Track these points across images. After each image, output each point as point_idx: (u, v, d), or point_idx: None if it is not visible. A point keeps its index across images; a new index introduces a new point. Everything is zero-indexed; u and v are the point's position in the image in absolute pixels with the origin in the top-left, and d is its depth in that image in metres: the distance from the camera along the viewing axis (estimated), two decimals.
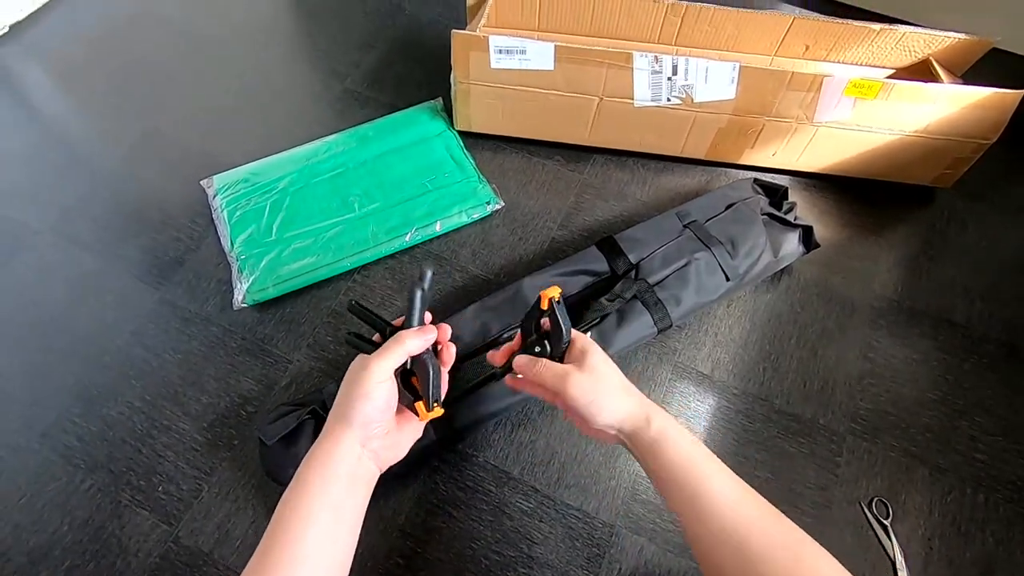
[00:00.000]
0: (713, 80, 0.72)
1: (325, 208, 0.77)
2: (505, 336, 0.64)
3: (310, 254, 0.73)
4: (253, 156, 0.82)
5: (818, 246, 0.73)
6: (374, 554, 0.57)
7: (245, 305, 0.69)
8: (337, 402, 0.45)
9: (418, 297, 0.47)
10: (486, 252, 0.77)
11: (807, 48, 0.86)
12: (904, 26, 0.80)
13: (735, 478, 0.44)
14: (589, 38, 0.88)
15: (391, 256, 0.75)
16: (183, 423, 0.64)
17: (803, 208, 0.81)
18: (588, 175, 0.84)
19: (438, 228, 0.76)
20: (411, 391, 0.47)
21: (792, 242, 0.72)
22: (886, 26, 0.80)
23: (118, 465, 0.61)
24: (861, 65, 0.86)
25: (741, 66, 0.71)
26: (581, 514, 0.60)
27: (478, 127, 0.85)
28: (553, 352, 0.50)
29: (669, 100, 0.75)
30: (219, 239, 0.76)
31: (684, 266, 0.66)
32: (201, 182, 0.80)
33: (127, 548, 0.57)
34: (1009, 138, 0.72)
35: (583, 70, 0.73)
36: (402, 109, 0.88)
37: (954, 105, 0.71)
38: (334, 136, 0.84)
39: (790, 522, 0.41)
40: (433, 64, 0.94)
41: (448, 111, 0.87)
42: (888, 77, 0.84)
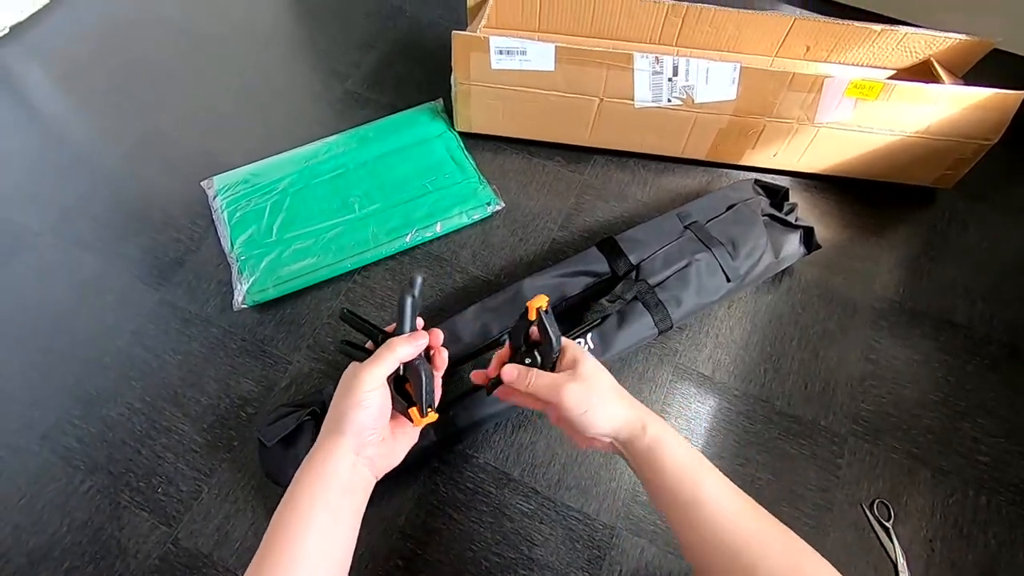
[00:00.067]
0: (714, 81, 0.72)
1: (325, 209, 0.77)
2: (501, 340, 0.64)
3: (310, 255, 0.73)
4: (253, 157, 0.82)
5: (819, 247, 0.73)
6: (374, 555, 0.57)
7: (245, 306, 0.69)
8: (330, 411, 0.45)
9: (408, 304, 0.47)
10: (486, 253, 0.77)
11: (808, 49, 0.86)
12: (905, 27, 0.80)
13: (731, 486, 0.43)
14: (590, 39, 0.88)
15: (391, 257, 0.75)
16: (183, 424, 0.64)
17: (804, 209, 0.81)
18: (589, 176, 0.84)
19: (438, 229, 0.76)
20: (405, 397, 0.47)
21: (793, 243, 0.72)
22: (887, 27, 0.80)
23: (118, 466, 0.61)
24: (862, 66, 0.86)
25: (742, 67, 0.71)
26: (582, 516, 0.60)
27: (478, 128, 0.85)
28: (544, 363, 0.48)
29: (670, 101, 0.75)
30: (219, 240, 0.76)
31: (685, 267, 0.66)
32: (201, 183, 0.80)
33: (126, 549, 0.57)
34: (1010, 139, 0.72)
35: (584, 71, 0.73)
36: (402, 110, 0.88)
37: (955, 106, 0.71)
38: (334, 137, 0.84)
39: (788, 530, 0.41)
40: (433, 65, 0.94)
41: (448, 112, 0.87)
42: (889, 78, 0.84)
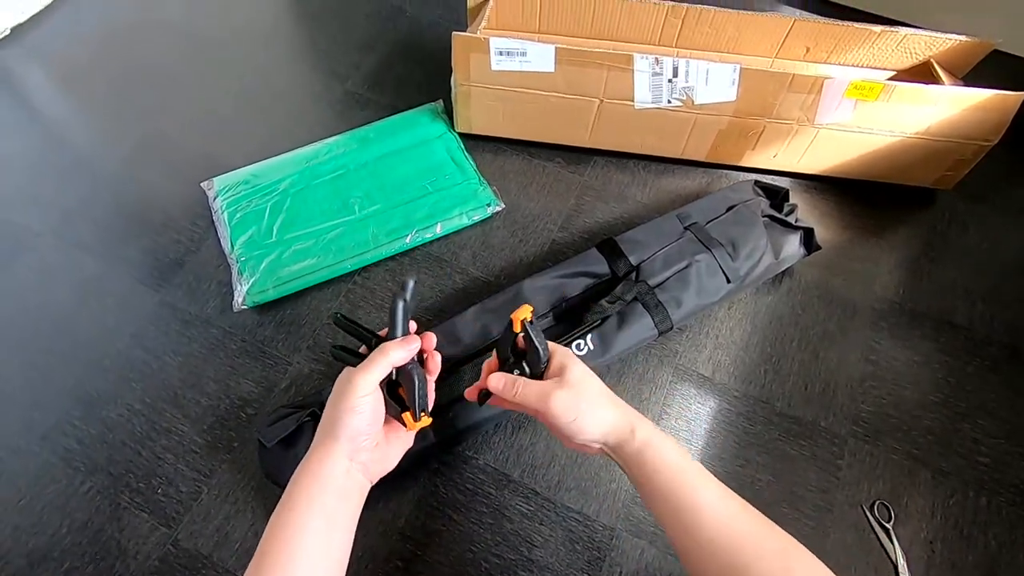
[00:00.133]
0: (714, 82, 0.72)
1: (326, 210, 0.77)
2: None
3: (310, 256, 0.73)
4: (254, 158, 0.82)
5: (819, 248, 0.73)
6: (374, 556, 0.57)
7: (245, 307, 0.69)
8: (324, 415, 0.45)
9: (400, 308, 0.47)
10: (486, 254, 0.77)
11: (808, 50, 0.86)
12: (905, 28, 0.80)
13: (723, 488, 0.43)
14: (590, 40, 0.88)
15: (392, 258, 0.75)
16: (183, 425, 0.64)
17: (804, 210, 0.81)
18: (589, 177, 0.84)
19: (439, 230, 0.76)
20: (398, 402, 0.47)
21: (793, 244, 0.72)
22: (887, 28, 0.80)
23: (118, 467, 0.61)
24: (862, 67, 0.86)
25: (742, 68, 0.71)
26: (581, 517, 0.60)
27: (479, 129, 0.85)
28: (532, 372, 0.49)
29: (670, 102, 0.75)
30: (219, 241, 0.76)
31: (685, 268, 0.66)
32: (202, 184, 0.80)
33: (126, 550, 0.57)
34: (1010, 140, 0.72)
35: (584, 72, 0.73)
36: (403, 111, 0.88)
37: (955, 107, 0.71)
38: (335, 138, 0.84)
39: (781, 531, 0.41)
40: (434, 66, 0.94)
41: (449, 113, 0.87)
42: (889, 79, 0.84)
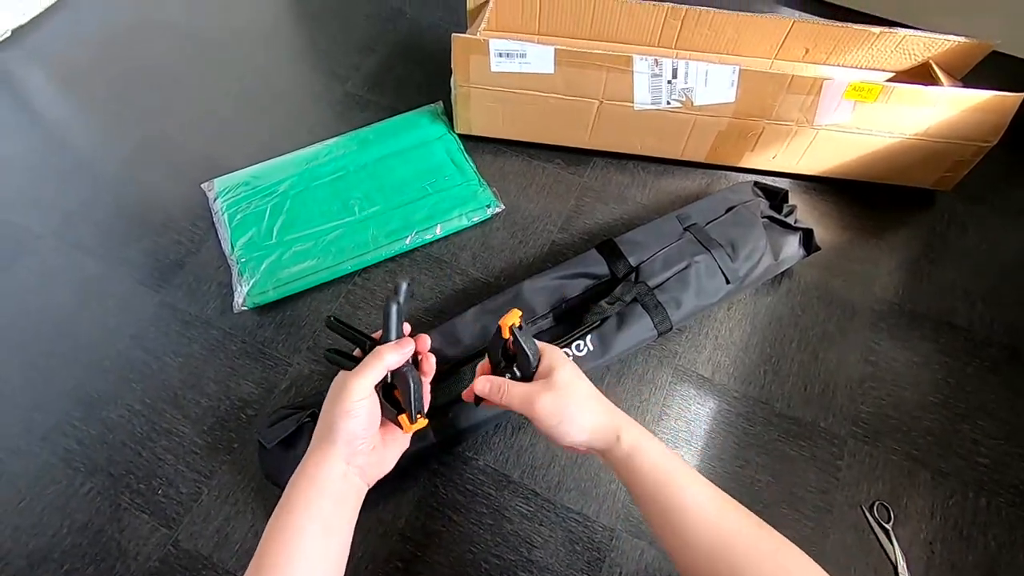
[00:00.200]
0: (713, 83, 0.72)
1: (325, 211, 0.77)
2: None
3: (310, 257, 0.73)
4: (254, 159, 0.82)
5: (818, 249, 0.73)
6: (374, 558, 0.57)
7: (245, 308, 0.70)
8: (321, 419, 0.45)
9: (394, 310, 0.47)
10: (486, 255, 0.77)
11: (807, 51, 0.86)
12: (904, 29, 0.81)
13: (713, 489, 0.43)
14: (589, 41, 0.88)
15: (391, 259, 0.75)
16: (183, 426, 0.64)
17: (803, 211, 0.81)
18: (588, 178, 0.84)
19: (438, 231, 0.76)
20: (394, 404, 0.47)
21: (792, 245, 0.72)
22: (886, 29, 0.80)
23: (118, 468, 0.61)
24: (861, 68, 0.87)
25: (741, 69, 0.71)
26: (581, 518, 0.60)
27: (478, 130, 0.85)
28: (523, 376, 0.49)
29: (669, 103, 0.75)
30: (219, 242, 0.76)
31: (684, 269, 0.66)
32: (202, 185, 0.80)
33: (126, 551, 0.57)
34: (1009, 141, 0.72)
35: (583, 73, 0.73)
36: (402, 112, 0.88)
37: (954, 108, 0.71)
38: (334, 139, 0.85)
39: (773, 531, 0.41)
40: (433, 67, 0.94)
41: (448, 114, 0.87)
42: (888, 80, 0.84)
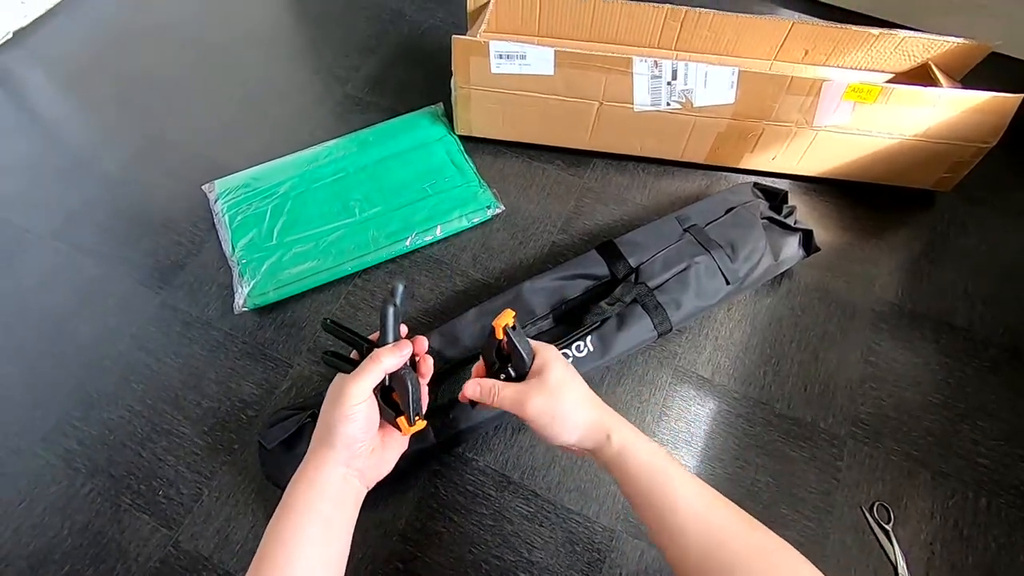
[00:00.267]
0: (712, 85, 0.73)
1: (326, 212, 0.77)
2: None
3: (311, 258, 0.73)
4: (254, 161, 0.83)
5: (818, 250, 0.73)
6: (374, 558, 0.57)
7: (246, 309, 0.70)
8: (319, 422, 0.45)
9: (391, 313, 0.47)
10: (486, 256, 0.77)
11: (806, 53, 0.86)
12: (903, 31, 0.81)
13: (704, 488, 0.43)
14: (589, 43, 0.89)
15: (392, 260, 0.75)
16: (183, 427, 0.64)
17: (803, 212, 0.81)
18: (588, 179, 0.84)
19: (439, 232, 0.76)
20: (392, 407, 0.47)
21: (792, 246, 0.72)
22: (885, 31, 0.81)
23: (118, 469, 0.61)
24: (860, 69, 0.87)
25: (740, 71, 0.71)
26: (581, 518, 0.60)
27: (478, 132, 0.85)
28: (518, 375, 0.49)
29: (669, 105, 0.75)
30: (220, 243, 0.76)
31: (684, 270, 0.66)
32: (203, 187, 0.80)
33: (127, 552, 0.57)
34: (1009, 142, 0.72)
35: (583, 75, 0.73)
36: (403, 114, 0.88)
37: (953, 109, 0.71)
38: (335, 141, 0.85)
39: (764, 528, 0.41)
40: (434, 69, 0.94)
41: (449, 116, 0.87)
42: (887, 81, 0.84)
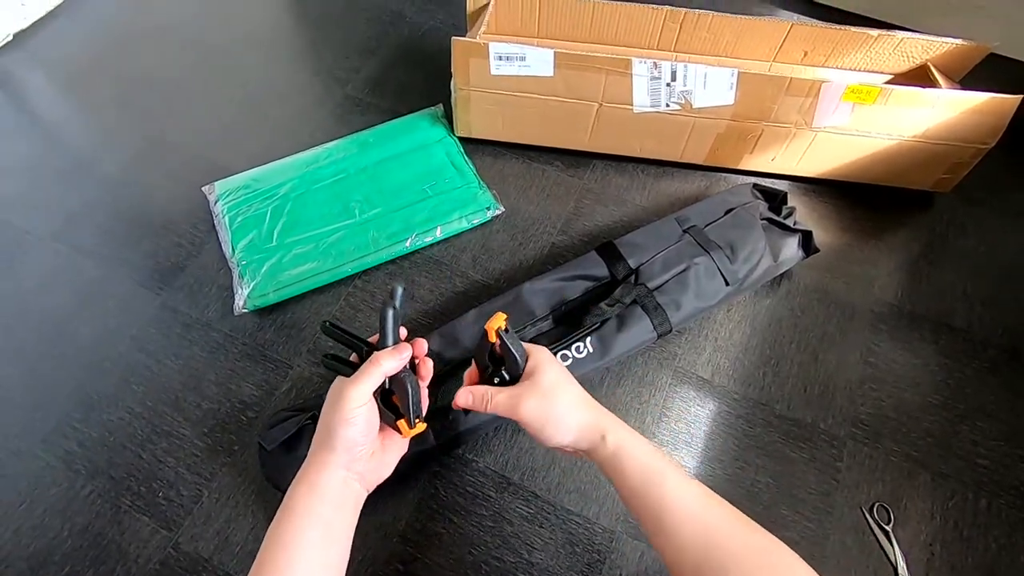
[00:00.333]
0: (712, 86, 0.73)
1: (326, 214, 0.77)
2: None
3: (311, 259, 0.73)
4: (254, 162, 0.83)
5: (818, 251, 0.73)
6: (374, 560, 0.57)
7: (246, 310, 0.70)
8: (320, 425, 0.45)
9: (390, 316, 0.47)
10: (486, 257, 0.77)
11: (805, 54, 0.86)
12: (902, 32, 0.81)
13: (700, 488, 0.43)
14: (588, 44, 0.89)
15: (392, 261, 0.75)
16: (183, 428, 0.64)
17: (802, 213, 0.81)
18: (588, 180, 0.85)
19: (439, 233, 0.76)
20: (392, 409, 0.47)
21: (791, 247, 0.72)
22: (884, 32, 0.81)
23: (118, 471, 0.61)
24: (859, 71, 0.87)
25: (740, 72, 0.71)
26: (581, 519, 0.60)
27: (478, 133, 0.85)
28: (511, 378, 0.49)
29: (668, 106, 0.75)
30: (220, 245, 0.76)
31: (684, 271, 0.67)
32: (203, 188, 0.81)
33: (127, 554, 0.57)
34: (1008, 142, 0.72)
35: (583, 76, 0.73)
36: (403, 115, 0.88)
37: (952, 110, 0.71)
38: (335, 142, 0.85)
39: (760, 528, 0.41)
40: (433, 70, 0.94)
41: (448, 117, 0.88)
42: (886, 83, 0.84)
